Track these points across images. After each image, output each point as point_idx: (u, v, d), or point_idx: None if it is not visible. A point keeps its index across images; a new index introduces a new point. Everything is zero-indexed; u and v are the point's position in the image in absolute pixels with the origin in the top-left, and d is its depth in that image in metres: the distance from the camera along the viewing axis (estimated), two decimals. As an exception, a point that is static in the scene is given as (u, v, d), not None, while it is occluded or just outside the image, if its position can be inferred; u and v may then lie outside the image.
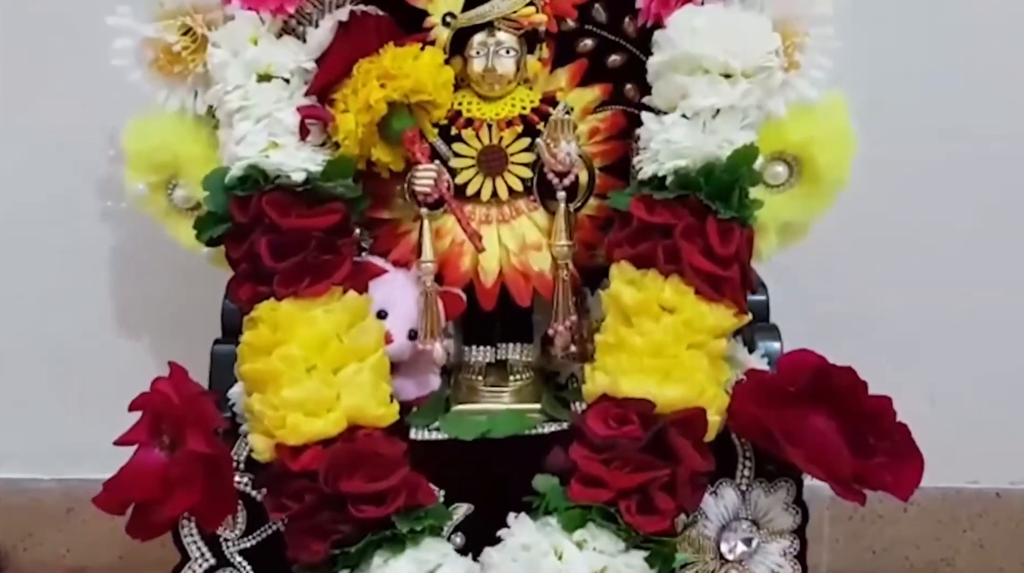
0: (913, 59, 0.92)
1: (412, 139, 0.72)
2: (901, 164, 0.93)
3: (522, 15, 0.72)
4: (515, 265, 0.74)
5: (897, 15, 0.90)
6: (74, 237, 0.98)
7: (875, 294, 0.99)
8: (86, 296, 1.00)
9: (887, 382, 0.64)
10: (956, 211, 0.97)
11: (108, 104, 0.79)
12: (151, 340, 1.01)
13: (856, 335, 0.96)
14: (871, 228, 0.95)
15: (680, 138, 0.69)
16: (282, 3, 0.71)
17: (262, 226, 0.68)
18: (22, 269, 1.00)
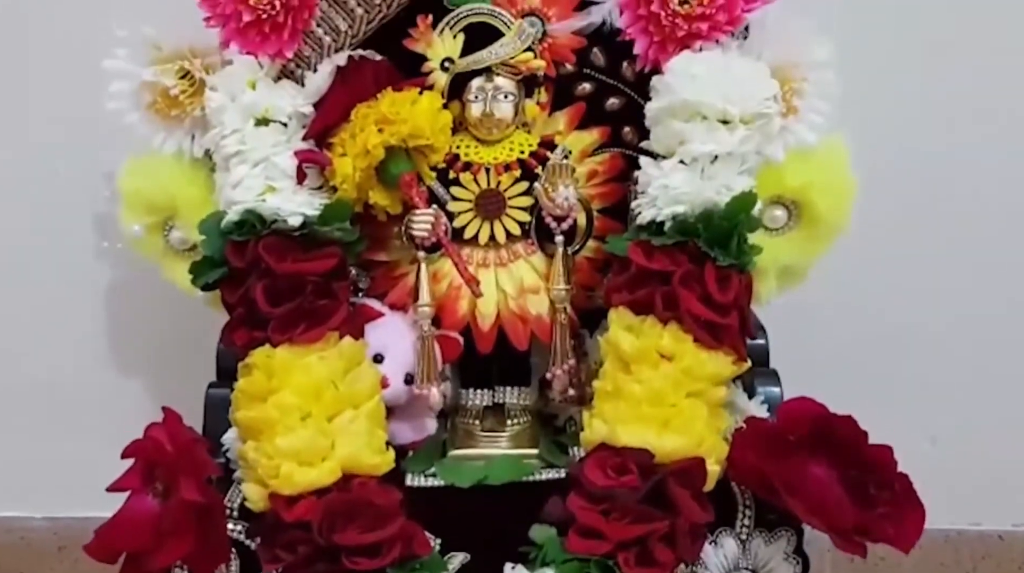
0: (908, 104, 0.93)
1: (410, 183, 0.72)
2: (899, 207, 0.93)
3: (520, 61, 0.72)
4: (513, 309, 0.74)
5: (894, 59, 0.91)
6: (70, 275, 0.97)
7: (877, 334, 0.99)
8: (80, 334, 0.99)
9: (888, 423, 0.63)
10: (955, 253, 0.97)
11: (105, 144, 0.79)
12: (145, 379, 1.00)
13: (858, 375, 0.96)
14: (871, 269, 0.95)
15: (678, 184, 0.69)
16: (280, 48, 0.71)
17: (258, 271, 0.68)
18: (17, 305, 0.99)
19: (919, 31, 0.91)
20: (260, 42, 0.71)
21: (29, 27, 0.92)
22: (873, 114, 0.86)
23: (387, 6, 0.73)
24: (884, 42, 0.90)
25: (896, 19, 0.90)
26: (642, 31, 0.72)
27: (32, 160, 0.95)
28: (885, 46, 0.90)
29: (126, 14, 0.74)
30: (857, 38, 0.76)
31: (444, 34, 0.73)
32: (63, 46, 0.91)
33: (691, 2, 0.70)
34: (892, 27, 0.90)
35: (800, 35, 0.72)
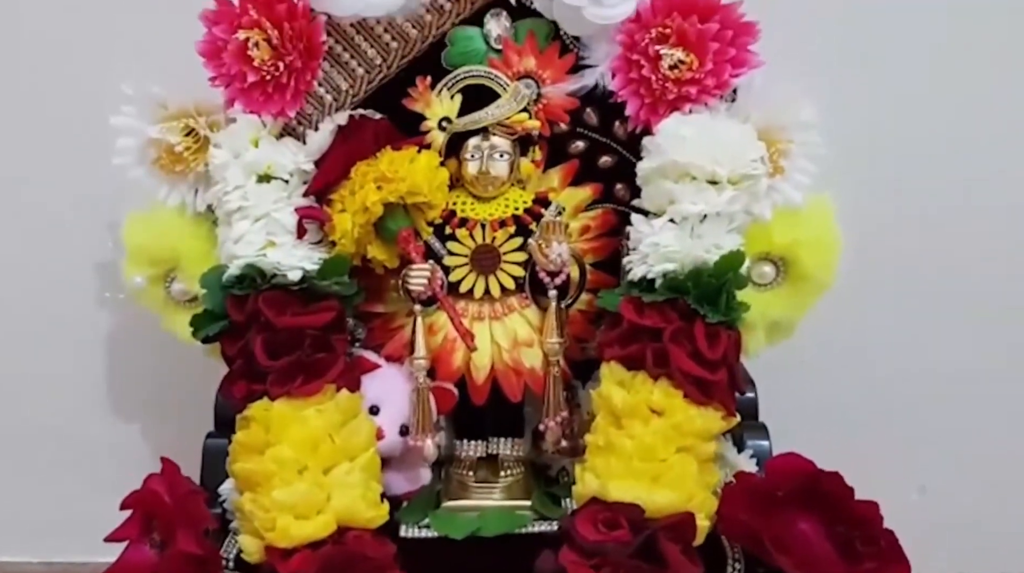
0: (891, 162, 0.95)
1: (407, 238, 0.73)
2: (886, 262, 0.95)
3: (516, 121, 0.74)
4: (507, 361, 0.75)
5: (875, 120, 0.94)
6: (71, 323, 0.98)
7: (865, 385, 1.00)
8: (79, 381, 1.00)
9: (877, 472, 0.65)
10: (942, 305, 0.98)
11: (110, 195, 0.81)
12: (144, 426, 1.01)
13: (846, 425, 0.98)
14: (859, 322, 0.96)
15: (669, 242, 0.70)
16: (283, 108, 0.73)
17: (257, 324, 0.70)
18: (18, 352, 1.00)
19: (899, 95, 0.93)
20: (263, 102, 0.73)
21: (40, 82, 0.94)
22: (857, 173, 0.88)
23: (387, 66, 0.76)
24: (866, 104, 0.92)
25: (876, 83, 0.93)
26: (633, 93, 0.74)
27: (37, 209, 0.97)
28: (867, 108, 0.92)
29: (134, 73, 0.76)
30: (840, 102, 0.78)
31: (442, 95, 0.75)
32: (72, 101, 0.93)
33: (681, 67, 0.72)
34: (872, 91, 0.93)
35: (785, 99, 0.75)
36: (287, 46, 0.72)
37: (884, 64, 0.93)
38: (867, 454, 0.78)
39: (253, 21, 0.72)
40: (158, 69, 0.76)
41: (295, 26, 0.71)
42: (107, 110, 0.77)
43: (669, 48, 0.72)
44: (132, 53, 0.89)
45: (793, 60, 0.73)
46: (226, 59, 0.73)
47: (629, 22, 0.73)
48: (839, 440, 0.90)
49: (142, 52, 0.88)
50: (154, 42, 0.86)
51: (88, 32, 0.93)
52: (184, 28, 0.73)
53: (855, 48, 0.93)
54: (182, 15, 0.74)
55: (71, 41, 0.93)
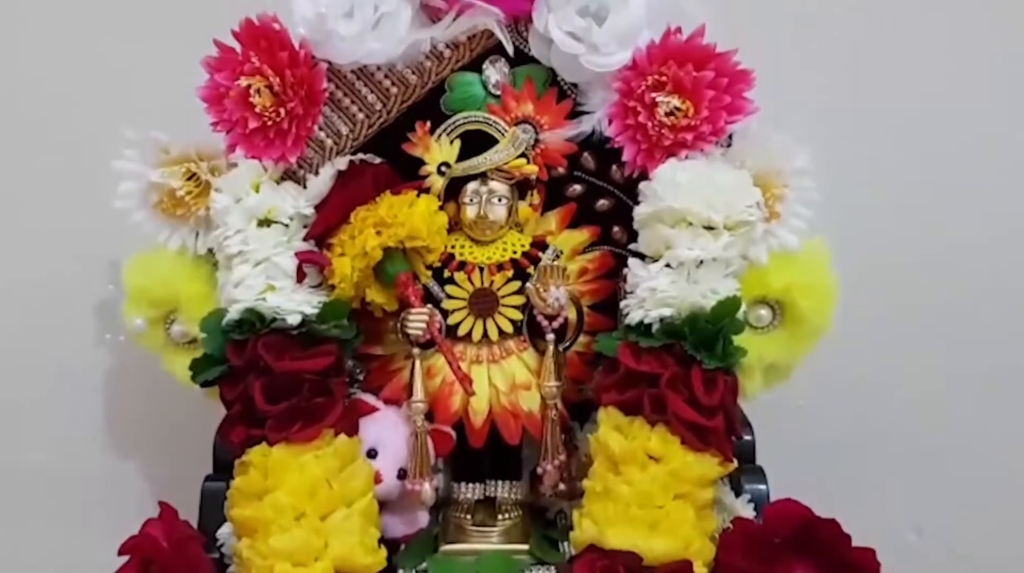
0: (887, 206, 0.96)
1: (406, 282, 0.74)
2: (882, 305, 0.96)
3: (514, 166, 0.75)
4: (505, 405, 0.76)
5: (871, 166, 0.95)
6: (70, 363, 0.98)
7: (861, 425, 1.00)
8: (77, 420, 1.00)
9: (874, 512, 0.65)
10: (938, 346, 0.99)
11: (110, 235, 0.81)
12: (141, 466, 1.00)
13: (843, 465, 0.98)
14: (855, 362, 0.97)
15: (665, 287, 0.71)
16: (284, 153, 0.74)
17: (257, 369, 0.70)
18: (16, 393, 1.00)
19: (891, 141, 0.95)
20: (265, 147, 0.74)
21: (43, 124, 0.95)
22: (852, 217, 0.89)
23: (387, 112, 0.77)
24: (859, 150, 0.93)
25: (868, 130, 0.94)
26: (630, 139, 0.75)
27: (37, 248, 0.97)
28: (860, 153, 0.93)
29: (137, 117, 0.77)
30: (834, 147, 0.79)
31: (441, 140, 0.76)
32: (75, 145, 0.93)
33: (677, 114, 0.73)
34: (866, 137, 0.94)
35: (780, 145, 0.75)
36: (289, 93, 0.73)
37: (879, 110, 0.94)
38: (864, 494, 0.78)
39: (255, 68, 0.72)
40: (161, 113, 0.77)
41: (297, 73, 0.72)
42: (109, 153, 0.77)
43: (665, 95, 0.73)
44: (134, 97, 0.91)
45: (788, 107, 0.74)
46: (228, 105, 0.74)
47: (626, 69, 0.74)
48: (836, 480, 0.91)
49: (144, 96, 0.89)
50: (156, 86, 0.87)
51: (90, 75, 0.94)
52: (186, 73, 0.74)
53: (850, 93, 0.94)
54: (185, 60, 0.74)
55: (73, 84, 0.94)
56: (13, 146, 0.96)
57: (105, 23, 0.93)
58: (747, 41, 0.73)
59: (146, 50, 0.92)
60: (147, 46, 0.92)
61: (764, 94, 0.74)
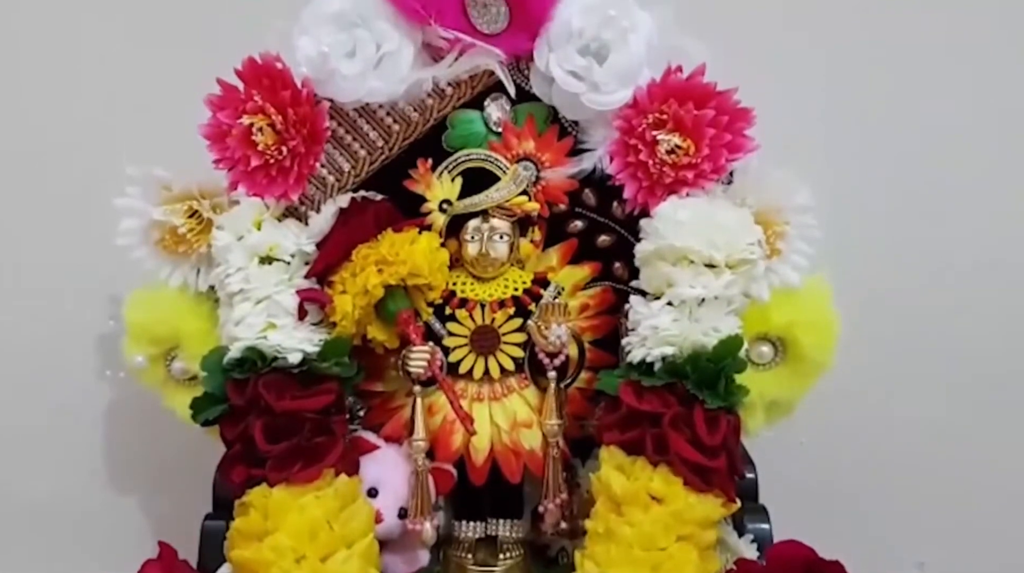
0: (887, 244, 0.96)
1: (407, 320, 0.74)
2: (884, 340, 0.96)
3: (515, 203, 0.75)
4: (506, 442, 0.75)
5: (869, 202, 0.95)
6: (70, 397, 0.98)
7: (863, 461, 1.00)
8: (76, 456, 0.99)
9: (876, 547, 0.64)
10: (940, 381, 0.99)
11: (111, 272, 0.82)
12: (141, 502, 1.00)
13: (845, 500, 0.97)
14: (858, 398, 0.96)
15: (667, 326, 0.71)
16: (286, 190, 0.74)
17: (257, 409, 0.70)
18: (15, 428, 0.99)
19: (890, 178, 0.95)
20: (267, 185, 0.74)
21: (44, 160, 0.95)
22: (854, 254, 0.90)
23: (389, 148, 0.77)
24: (859, 185, 0.94)
25: (868, 166, 0.95)
26: (631, 177, 0.75)
27: (39, 283, 0.97)
28: (860, 189, 0.94)
29: (139, 155, 0.77)
30: (834, 185, 0.80)
31: (443, 177, 0.76)
32: (77, 180, 0.94)
33: (677, 152, 0.73)
34: (865, 174, 0.94)
35: (781, 182, 0.76)
36: (291, 131, 0.73)
37: (880, 146, 0.95)
38: (867, 531, 0.78)
39: (257, 107, 0.73)
40: (163, 151, 0.77)
41: (299, 112, 0.73)
42: (111, 189, 0.77)
43: (666, 133, 0.73)
44: (137, 133, 0.91)
45: (789, 144, 0.75)
46: (230, 143, 0.74)
47: (626, 107, 0.74)
48: (838, 517, 0.91)
49: (147, 133, 0.89)
50: (159, 123, 0.87)
51: (92, 112, 0.94)
52: (189, 111, 0.75)
53: (850, 130, 0.95)
54: (187, 98, 0.75)
55: (76, 121, 0.94)
56: (16, 181, 0.96)
57: (109, 60, 0.94)
58: (747, 79, 0.73)
59: (149, 87, 0.92)
60: (150, 83, 0.92)
61: (765, 131, 0.74)
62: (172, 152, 0.76)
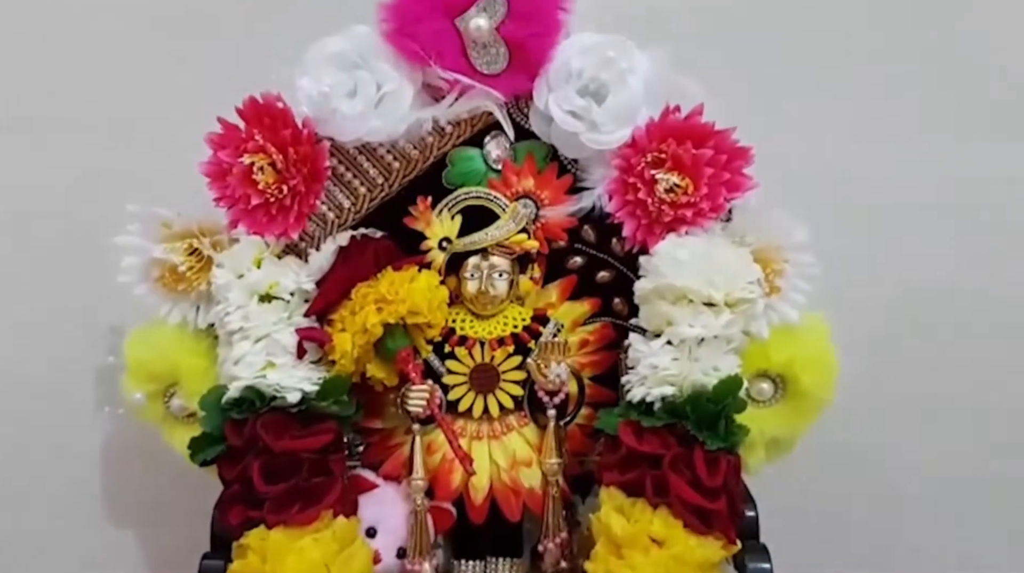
0: (887, 280, 0.96)
1: (406, 358, 0.74)
2: (885, 375, 0.95)
3: (515, 242, 0.76)
4: (505, 481, 0.75)
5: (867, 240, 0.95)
6: (68, 433, 0.97)
7: (866, 497, 0.99)
8: (74, 492, 0.99)
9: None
10: (943, 417, 0.98)
11: (111, 307, 0.81)
12: (139, 539, 0.99)
13: (849, 539, 0.97)
14: (859, 435, 0.96)
15: (667, 365, 0.71)
16: (286, 229, 0.75)
17: (256, 449, 0.70)
18: (12, 461, 0.99)
19: (888, 216, 0.95)
20: (267, 223, 0.75)
21: (46, 195, 0.95)
22: (853, 291, 0.89)
23: (389, 185, 0.77)
24: (857, 223, 0.94)
25: (866, 205, 0.95)
26: (630, 215, 0.75)
27: (38, 319, 0.97)
28: (858, 227, 0.94)
29: (139, 193, 0.77)
30: (831, 222, 0.80)
31: (443, 215, 0.76)
32: (78, 217, 0.94)
33: (676, 190, 0.73)
34: (864, 212, 0.95)
35: (780, 220, 0.76)
36: (291, 170, 0.73)
37: (878, 187, 0.95)
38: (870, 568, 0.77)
39: (258, 146, 0.73)
40: (163, 188, 0.77)
41: (300, 151, 0.73)
42: (112, 225, 0.77)
43: (665, 172, 0.73)
44: (138, 171, 0.91)
45: (787, 182, 0.75)
46: (231, 181, 0.74)
47: (625, 147, 0.74)
48: (840, 555, 0.90)
49: (148, 170, 0.90)
50: (160, 160, 0.88)
51: (95, 149, 0.94)
52: (190, 149, 0.75)
53: (849, 169, 0.95)
54: (188, 136, 0.75)
55: (77, 156, 0.94)
56: (16, 218, 0.96)
57: (111, 97, 0.94)
58: (745, 117, 0.74)
59: (151, 125, 0.92)
60: (152, 121, 0.93)
61: (763, 170, 0.75)
62: (173, 189, 0.76)
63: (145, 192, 0.78)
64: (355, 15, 0.73)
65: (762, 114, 0.77)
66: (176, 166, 0.76)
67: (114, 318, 0.84)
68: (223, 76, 0.81)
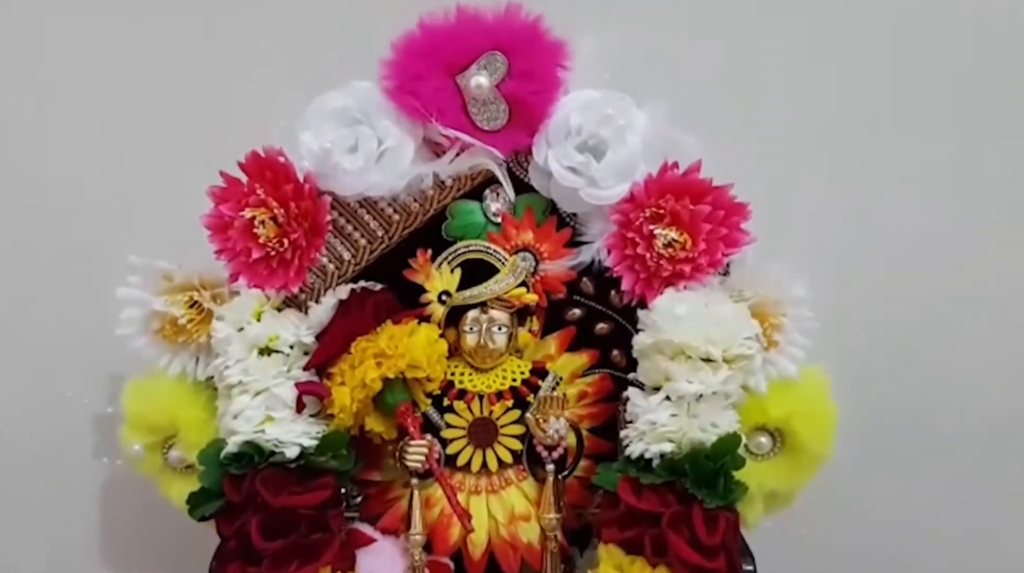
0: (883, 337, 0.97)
1: (405, 412, 0.74)
2: (881, 431, 0.95)
3: (514, 295, 0.76)
4: (504, 536, 0.75)
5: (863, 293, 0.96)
6: (66, 483, 0.97)
7: (865, 551, 0.99)
8: (71, 542, 0.98)
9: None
10: (942, 477, 0.98)
11: (111, 356, 0.81)
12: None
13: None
14: (859, 489, 0.96)
15: (665, 421, 0.71)
16: (286, 282, 0.75)
17: (254, 505, 0.69)
18: (10, 511, 0.98)
19: (887, 269, 0.96)
20: (267, 277, 0.75)
21: (47, 246, 0.96)
22: (852, 344, 0.90)
23: (389, 238, 0.78)
24: (855, 277, 0.94)
25: (864, 258, 0.95)
26: (628, 269, 0.76)
27: (37, 367, 0.97)
28: (856, 280, 0.94)
29: (141, 245, 0.77)
30: (828, 278, 0.80)
31: (442, 268, 0.77)
32: (79, 267, 0.94)
33: (675, 246, 0.74)
34: (861, 265, 0.95)
35: (778, 274, 0.76)
36: (292, 224, 0.74)
37: (875, 238, 0.95)
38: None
39: (260, 200, 0.74)
40: (164, 240, 0.77)
41: (301, 206, 0.74)
42: (114, 276, 0.77)
43: (663, 228, 0.74)
44: (139, 222, 0.92)
45: (785, 237, 0.75)
46: (232, 235, 0.75)
47: (624, 202, 0.75)
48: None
49: (149, 222, 0.90)
50: (162, 214, 0.88)
51: (97, 200, 0.95)
52: (192, 201, 0.75)
53: (846, 222, 0.95)
54: (191, 189, 0.75)
55: (79, 208, 0.95)
56: (19, 266, 0.96)
57: (113, 150, 0.94)
58: (743, 173, 0.74)
59: (153, 178, 0.93)
60: (154, 174, 0.93)
61: (761, 225, 0.75)
62: (174, 242, 0.76)
63: (147, 243, 0.78)
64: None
65: (760, 169, 0.77)
66: (178, 218, 0.76)
67: (114, 367, 0.84)
68: (226, 130, 0.81)
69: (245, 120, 0.75)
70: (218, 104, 0.92)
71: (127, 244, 0.78)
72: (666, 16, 0.92)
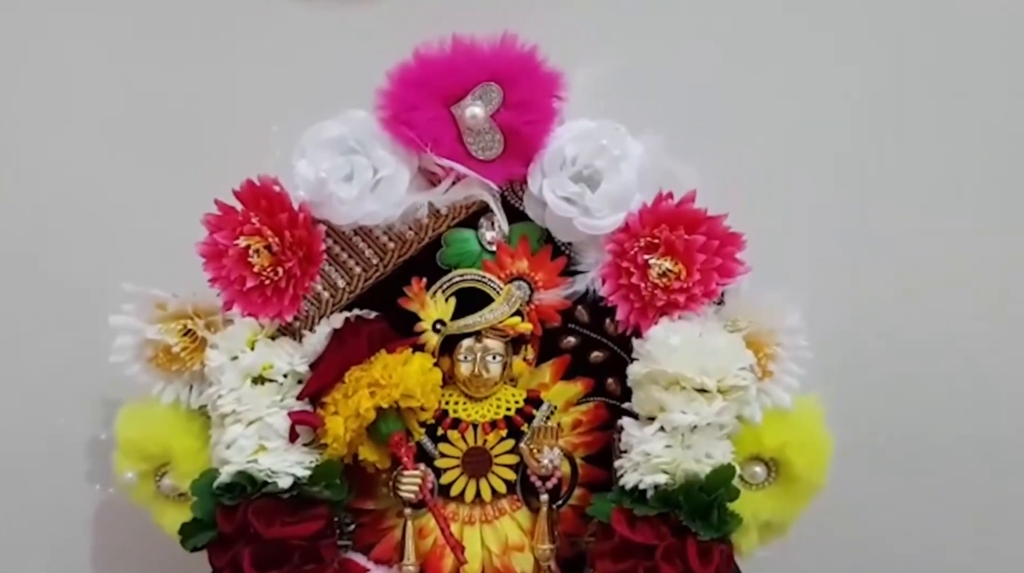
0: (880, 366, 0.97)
1: (399, 442, 0.74)
2: (877, 460, 0.95)
3: (508, 325, 0.76)
4: (497, 566, 0.75)
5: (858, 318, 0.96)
6: (60, 509, 0.96)
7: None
8: (65, 562, 0.97)
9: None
10: (937, 505, 0.98)
11: (104, 383, 0.81)
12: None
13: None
14: (854, 518, 0.96)
15: (659, 452, 0.71)
16: (281, 311, 0.75)
17: (246, 536, 0.69)
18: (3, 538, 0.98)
19: (881, 298, 0.96)
20: (262, 305, 0.74)
21: (41, 271, 0.95)
22: (846, 373, 0.90)
23: (384, 266, 0.78)
24: (849, 306, 0.94)
25: (858, 288, 0.95)
26: (623, 298, 0.76)
27: (30, 394, 0.96)
28: (851, 309, 0.94)
29: (134, 272, 0.77)
30: (822, 305, 0.81)
31: (437, 297, 0.76)
32: (73, 294, 0.94)
33: (669, 276, 0.74)
34: (855, 295, 0.95)
35: (772, 304, 0.76)
36: (287, 253, 0.73)
37: (869, 269, 0.95)
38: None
39: (255, 229, 0.73)
40: (158, 268, 0.77)
41: (296, 234, 0.74)
42: (107, 302, 0.77)
43: (658, 258, 0.74)
44: (133, 250, 0.92)
45: (779, 266, 0.76)
46: (226, 263, 0.74)
47: (619, 232, 0.75)
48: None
49: (143, 249, 0.90)
50: (156, 241, 0.88)
51: (90, 227, 0.94)
52: (187, 228, 0.75)
53: (841, 251, 0.95)
54: (184, 217, 0.75)
55: (73, 235, 0.94)
56: (11, 292, 0.96)
57: (108, 176, 0.94)
58: (737, 202, 0.74)
59: (148, 205, 0.93)
60: (148, 201, 0.93)
61: (755, 254, 0.75)
62: (169, 270, 0.76)
63: (140, 271, 0.78)
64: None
65: (754, 198, 0.78)
66: (172, 246, 0.76)
67: (107, 393, 0.83)
68: (221, 158, 0.81)
69: (241, 148, 0.75)
70: (214, 132, 0.92)
71: (121, 271, 0.78)
72: (661, 47, 0.92)
